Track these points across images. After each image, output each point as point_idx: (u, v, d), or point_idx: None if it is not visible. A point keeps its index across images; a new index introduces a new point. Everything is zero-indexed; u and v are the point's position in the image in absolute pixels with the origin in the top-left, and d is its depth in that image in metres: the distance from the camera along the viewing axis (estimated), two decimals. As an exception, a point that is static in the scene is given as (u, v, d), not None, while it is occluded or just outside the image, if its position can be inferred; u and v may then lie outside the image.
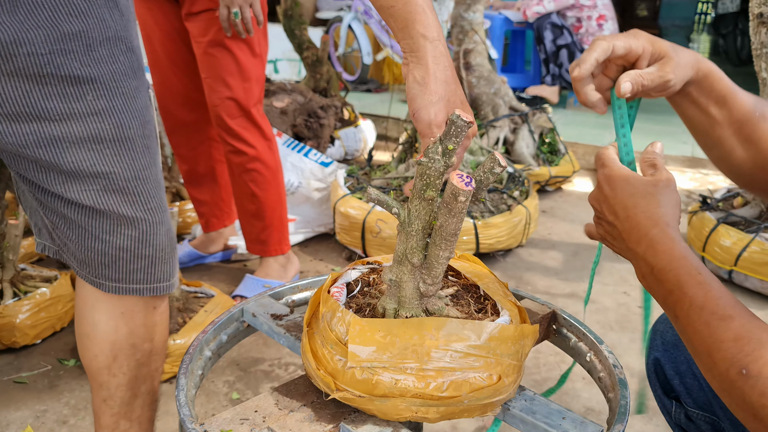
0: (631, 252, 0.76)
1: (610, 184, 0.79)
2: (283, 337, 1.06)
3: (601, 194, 0.81)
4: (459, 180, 0.76)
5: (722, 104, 0.88)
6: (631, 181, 0.78)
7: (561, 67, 4.77)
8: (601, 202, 0.81)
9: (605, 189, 0.80)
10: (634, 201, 0.76)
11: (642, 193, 0.77)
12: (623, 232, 0.77)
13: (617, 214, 0.78)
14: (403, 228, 0.84)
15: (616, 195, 0.78)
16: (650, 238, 0.73)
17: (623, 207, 0.77)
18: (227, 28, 1.85)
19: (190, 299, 1.92)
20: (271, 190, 2.12)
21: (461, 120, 0.78)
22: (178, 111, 2.17)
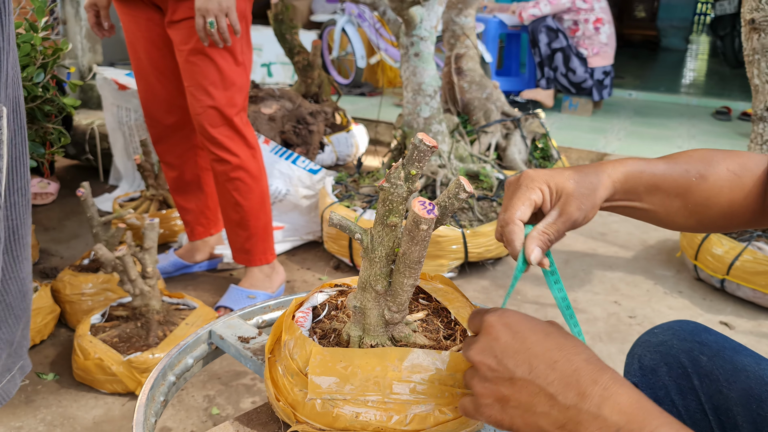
0: (568, 413, 0.54)
1: (513, 329, 0.61)
2: (249, 360, 1.03)
3: (497, 345, 0.60)
4: (421, 207, 0.73)
5: (654, 192, 0.82)
6: (534, 320, 0.62)
7: (556, 71, 4.74)
8: (501, 355, 0.59)
9: (504, 337, 0.60)
10: (557, 342, 0.59)
11: (558, 332, 0.61)
12: (548, 387, 0.56)
13: (534, 365, 0.57)
14: (366, 254, 0.82)
15: (527, 340, 0.59)
16: (602, 387, 0.54)
17: (543, 352, 0.58)
18: (204, 38, 1.82)
19: (171, 311, 1.89)
20: (255, 199, 2.10)
21: (424, 144, 0.75)
22: (163, 118, 2.15)
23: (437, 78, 2.58)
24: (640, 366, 1.03)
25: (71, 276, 2.04)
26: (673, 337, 0.97)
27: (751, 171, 0.82)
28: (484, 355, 0.61)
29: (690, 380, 0.92)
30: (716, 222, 0.83)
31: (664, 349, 0.97)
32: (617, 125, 4.74)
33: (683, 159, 0.83)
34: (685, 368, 0.93)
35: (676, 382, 0.94)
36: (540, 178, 0.76)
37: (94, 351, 1.73)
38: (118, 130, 2.98)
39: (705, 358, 0.92)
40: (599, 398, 0.53)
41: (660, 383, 0.98)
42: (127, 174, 3.09)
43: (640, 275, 2.62)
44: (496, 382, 0.60)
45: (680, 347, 0.95)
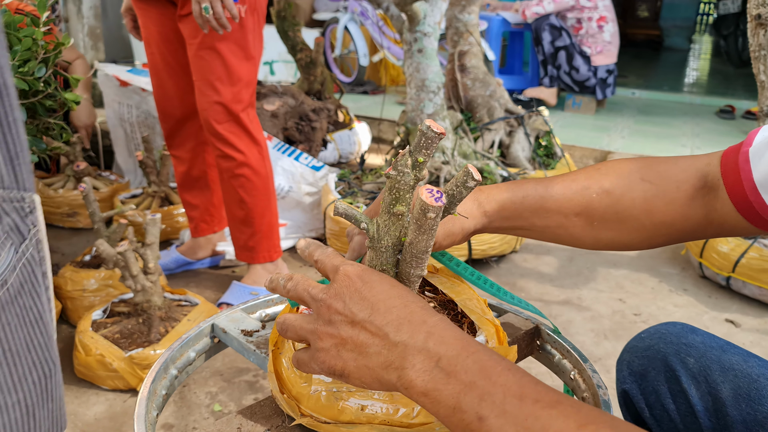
0: (397, 350, 0.57)
1: (363, 279, 0.64)
2: (253, 354, 1.01)
3: (347, 291, 0.63)
4: (428, 195, 0.71)
5: (544, 214, 0.80)
6: (386, 276, 0.67)
7: (559, 69, 4.72)
8: (347, 297, 0.62)
9: (355, 284, 0.63)
10: (399, 293, 0.63)
11: (404, 288, 0.66)
12: (384, 327, 0.58)
13: (376, 307, 0.60)
14: (372, 244, 0.80)
15: (373, 288, 0.63)
16: (430, 325, 0.57)
17: (386, 299, 0.61)
18: (202, 25, 1.80)
19: (173, 307, 1.88)
20: (260, 197, 2.08)
21: (432, 131, 0.73)
22: (175, 113, 2.15)
23: (441, 74, 2.57)
24: (629, 372, 1.01)
25: (72, 272, 2.03)
26: (659, 340, 0.96)
27: (674, 178, 0.78)
28: (334, 299, 0.63)
29: (679, 383, 0.92)
30: (648, 234, 0.80)
31: (651, 353, 0.96)
32: (621, 124, 4.72)
33: (584, 175, 0.81)
34: (674, 371, 0.92)
35: (666, 385, 0.94)
36: None
37: (95, 347, 1.71)
38: (119, 126, 2.97)
39: (692, 359, 0.91)
40: (425, 334, 0.56)
41: (650, 388, 0.97)
42: (128, 170, 3.08)
43: (644, 273, 2.61)
44: (338, 325, 0.61)
45: (667, 350, 0.94)
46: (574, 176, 0.82)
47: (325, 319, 0.63)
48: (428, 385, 0.54)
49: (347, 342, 0.61)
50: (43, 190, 2.71)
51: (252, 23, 1.94)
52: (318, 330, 0.63)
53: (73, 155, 2.73)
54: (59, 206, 2.69)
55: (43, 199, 2.70)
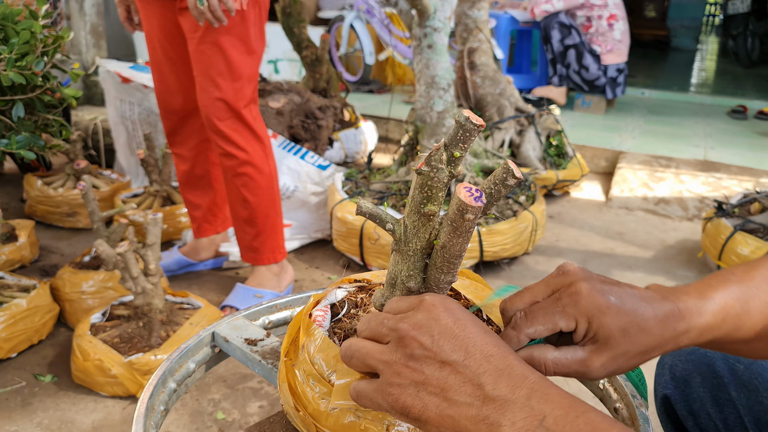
0: (494, 404, 0.50)
1: (455, 315, 0.56)
2: (258, 365, 0.94)
3: (437, 325, 0.55)
4: (467, 194, 0.63)
5: None
6: (474, 315, 0.59)
7: (568, 68, 4.64)
8: (436, 332, 0.55)
9: (445, 319, 0.55)
10: (494, 340, 0.55)
11: (494, 334, 0.57)
12: (481, 376, 0.51)
13: (470, 352, 0.53)
14: (398, 247, 0.72)
15: (467, 329, 0.55)
16: (532, 381, 0.51)
17: (482, 344, 0.53)
18: (198, 17, 1.74)
19: (174, 311, 1.80)
20: (264, 196, 2.01)
21: (470, 123, 0.65)
22: (177, 109, 2.08)
23: (451, 71, 2.49)
24: (672, 376, 0.95)
25: (71, 273, 1.95)
26: None
27: None
28: (419, 331, 0.55)
29: (727, 390, 0.86)
30: None
31: (696, 357, 0.90)
32: (631, 123, 4.64)
33: None
34: (721, 377, 0.86)
35: (712, 393, 0.87)
36: (584, 306, 0.60)
37: (93, 352, 1.64)
38: (121, 124, 2.89)
39: (742, 366, 0.85)
40: (529, 390, 0.50)
41: (694, 395, 0.90)
42: (130, 169, 3.00)
43: (660, 276, 2.53)
44: (423, 361, 0.54)
45: (714, 355, 0.88)
46: None
47: (406, 352, 0.55)
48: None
49: (431, 383, 0.53)
50: (42, 189, 2.63)
51: (254, 16, 1.87)
52: (396, 362, 0.55)
53: (73, 153, 2.66)
54: (59, 206, 2.61)
55: (42, 198, 2.63)
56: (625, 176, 3.40)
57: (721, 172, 3.40)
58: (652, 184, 3.31)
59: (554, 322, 0.61)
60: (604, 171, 3.82)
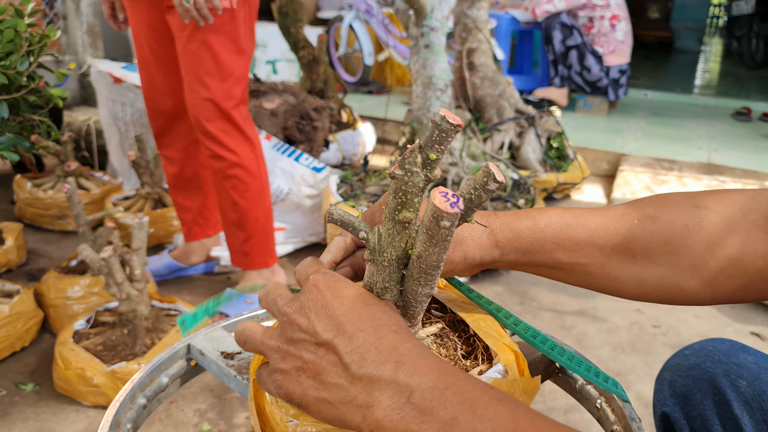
0: (361, 383, 0.47)
1: (336, 291, 0.54)
2: (233, 380, 0.88)
3: (315, 304, 0.53)
4: (442, 199, 0.58)
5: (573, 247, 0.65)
6: (364, 292, 0.57)
7: (570, 69, 4.59)
8: (312, 312, 0.52)
9: (324, 297, 0.53)
10: (372, 313, 0.53)
11: (381, 306, 0.55)
12: (348, 354, 0.48)
13: (342, 328, 0.50)
14: (373, 257, 0.67)
15: (344, 305, 0.53)
16: (401, 353, 0.48)
17: (355, 319, 0.51)
18: (183, 15, 1.69)
19: (161, 317, 1.75)
20: (254, 199, 1.96)
21: (447, 123, 0.60)
22: (165, 110, 2.03)
23: (449, 71, 2.44)
24: (671, 392, 0.90)
25: (56, 278, 1.91)
26: (706, 359, 0.86)
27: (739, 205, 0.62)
28: (300, 313, 0.53)
29: (729, 408, 0.81)
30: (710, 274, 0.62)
31: (697, 373, 0.86)
32: (634, 125, 4.58)
33: (622, 205, 0.66)
34: (723, 394, 0.82)
35: (714, 410, 0.83)
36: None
37: (75, 360, 1.59)
38: (113, 125, 2.85)
39: (744, 382, 0.81)
40: (395, 364, 0.47)
41: (695, 412, 0.86)
42: (123, 171, 2.96)
43: (663, 282, 2.46)
44: (300, 344, 0.52)
45: (716, 370, 0.84)
46: (609, 207, 0.68)
47: (287, 336, 0.53)
48: (398, 426, 0.44)
49: (308, 366, 0.51)
50: (32, 191, 2.59)
51: (244, 15, 1.83)
52: (279, 347, 0.53)
53: (64, 155, 2.61)
54: (48, 208, 2.57)
55: (31, 200, 2.58)
56: (627, 179, 3.34)
57: (725, 175, 3.34)
58: (655, 187, 3.25)
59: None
60: (605, 174, 3.76)
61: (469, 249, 0.67)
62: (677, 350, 0.93)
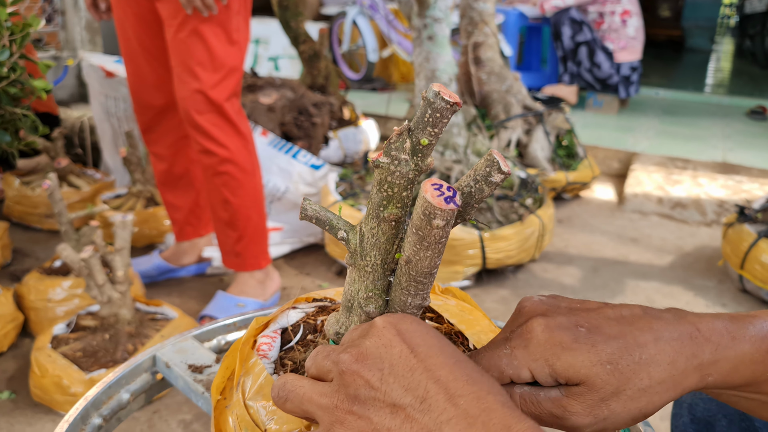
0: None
1: (412, 340, 0.42)
2: (201, 397, 0.78)
3: (387, 355, 0.42)
4: (435, 193, 0.48)
5: None
6: (443, 338, 0.45)
7: (580, 66, 4.47)
8: (390, 369, 0.41)
9: (398, 347, 0.42)
10: (468, 373, 0.41)
11: (472, 362, 0.43)
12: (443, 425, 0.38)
13: (429, 393, 0.39)
14: (354, 261, 0.56)
15: (428, 359, 0.41)
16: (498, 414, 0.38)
17: (449, 379, 0.40)
18: (185, 5, 1.60)
19: (145, 322, 1.65)
20: (246, 197, 1.86)
21: (441, 100, 0.49)
22: (152, 104, 1.94)
23: (453, 64, 2.32)
24: (691, 418, 0.80)
25: (37, 280, 1.81)
26: None
27: None
28: (364, 364, 0.42)
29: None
30: None
31: None
32: (645, 124, 4.46)
33: None
34: (751, 420, 0.73)
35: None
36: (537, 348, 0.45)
37: (52, 367, 1.49)
38: (106, 121, 2.75)
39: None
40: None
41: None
42: (116, 169, 2.86)
43: (677, 285, 2.35)
44: (370, 405, 0.41)
45: None
46: None
47: (349, 393, 0.42)
48: None
49: (379, 422, 0.40)
50: (20, 189, 2.49)
51: (238, 5, 1.74)
52: (337, 407, 0.42)
53: (54, 151, 2.52)
54: (36, 206, 2.47)
55: (19, 198, 2.49)
56: (639, 178, 3.22)
57: (741, 175, 3.21)
58: (668, 187, 3.12)
59: (499, 369, 0.46)
60: (616, 173, 3.63)
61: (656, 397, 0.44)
62: None
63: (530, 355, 0.45)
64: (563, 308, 0.48)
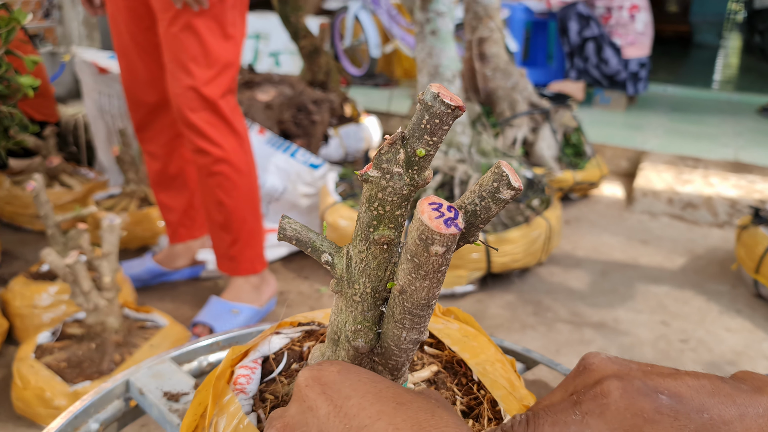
0: None
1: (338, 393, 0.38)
2: (176, 429, 0.71)
3: (313, 419, 0.37)
4: (434, 214, 0.40)
5: None
6: (375, 378, 0.40)
7: (587, 62, 4.37)
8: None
9: (323, 407, 0.37)
10: (415, 419, 0.35)
11: (419, 402, 0.37)
12: None
13: None
14: (340, 287, 0.49)
15: (360, 414, 0.35)
16: None
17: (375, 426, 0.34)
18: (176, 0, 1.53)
19: (133, 330, 1.58)
20: (242, 198, 1.78)
21: (441, 104, 0.42)
22: (147, 101, 1.87)
23: (457, 60, 2.24)
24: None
25: (23, 285, 1.74)
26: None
27: None
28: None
29: None
30: None
31: None
32: (654, 121, 4.36)
33: None
34: None
35: None
36: (616, 414, 0.38)
37: (35, 379, 1.41)
38: (100, 118, 2.68)
39: None
40: None
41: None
42: (111, 167, 2.79)
43: (689, 290, 2.26)
44: None
45: None
46: None
47: None
48: None
49: None
50: (10, 189, 2.42)
51: None
52: None
53: (45, 150, 2.44)
54: (27, 207, 2.40)
55: (9, 198, 2.42)
56: (649, 178, 3.13)
57: (754, 174, 3.12)
58: (678, 186, 3.03)
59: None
60: (625, 172, 3.55)
61: None
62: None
63: (607, 423, 0.37)
64: (636, 370, 0.40)
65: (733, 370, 1.78)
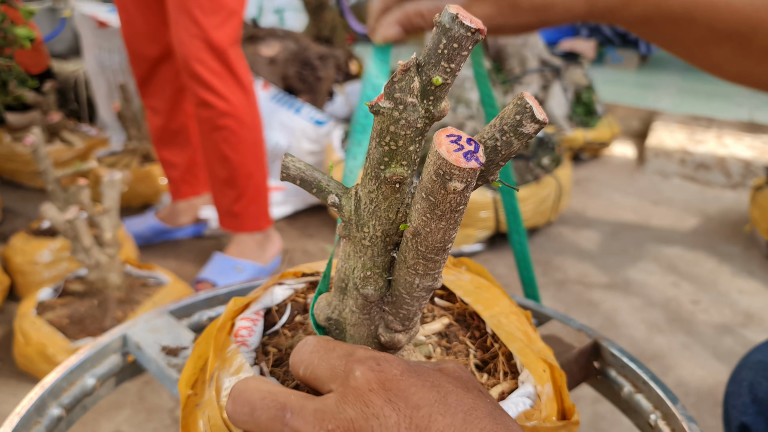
0: None
1: (398, 392, 0.35)
2: (176, 384, 0.68)
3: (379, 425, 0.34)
4: (452, 147, 0.37)
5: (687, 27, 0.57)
6: (441, 378, 0.37)
7: (599, 19, 4.26)
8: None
9: (390, 413, 0.34)
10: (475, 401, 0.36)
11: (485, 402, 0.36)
12: None
13: None
14: (347, 231, 0.45)
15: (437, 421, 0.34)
16: None
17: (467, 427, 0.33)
18: None
19: (136, 287, 1.55)
20: (247, 153, 1.74)
21: (460, 25, 0.37)
22: (148, 54, 1.82)
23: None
24: (753, 398, 0.71)
25: (24, 241, 1.71)
26: None
27: None
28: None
29: None
30: None
31: None
32: (667, 81, 4.27)
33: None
34: None
35: None
36: None
37: (36, 335, 1.40)
38: (100, 74, 2.62)
39: None
40: None
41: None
42: (112, 124, 2.74)
43: (701, 251, 2.23)
44: None
45: None
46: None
47: None
48: None
49: None
50: (10, 144, 2.38)
51: None
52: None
53: (45, 105, 2.40)
54: (28, 164, 2.36)
55: (9, 155, 2.38)
56: (661, 138, 3.06)
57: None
58: (691, 147, 2.97)
59: None
60: (636, 132, 3.48)
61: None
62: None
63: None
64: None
65: (744, 332, 1.75)
